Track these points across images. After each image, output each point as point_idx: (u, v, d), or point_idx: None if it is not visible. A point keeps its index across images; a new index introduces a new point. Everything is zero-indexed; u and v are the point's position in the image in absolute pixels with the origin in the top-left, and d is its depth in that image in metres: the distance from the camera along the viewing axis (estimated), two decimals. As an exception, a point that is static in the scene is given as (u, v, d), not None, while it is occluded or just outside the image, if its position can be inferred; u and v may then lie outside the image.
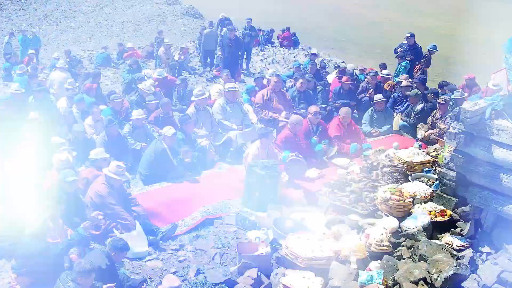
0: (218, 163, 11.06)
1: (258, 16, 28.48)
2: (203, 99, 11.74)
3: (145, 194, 9.42)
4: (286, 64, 26.40)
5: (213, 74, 20.87)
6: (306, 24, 36.29)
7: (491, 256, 6.39)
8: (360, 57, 29.37)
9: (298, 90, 13.57)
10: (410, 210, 7.71)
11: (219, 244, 8.51)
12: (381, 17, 51.97)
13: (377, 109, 13.69)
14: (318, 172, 10.29)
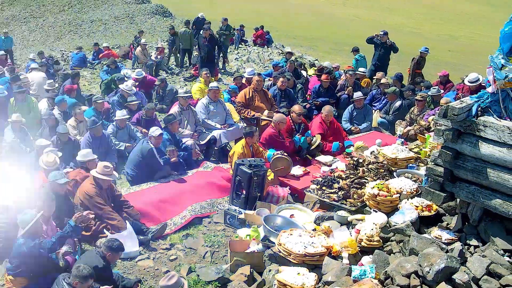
0: (204, 162, 11.13)
1: (225, 14, 28.59)
2: (188, 98, 11.78)
3: (132, 195, 9.45)
4: (261, 62, 26.54)
5: (190, 74, 20.90)
6: (275, 22, 36.37)
7: (478, 249, 6.58)
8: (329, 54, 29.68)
9: (279, 88, 13.72)
10: (397, 205, 7.88)
11: (209, 242, 8.60)
12: (349, 14, 52.34)
13: (356, 106, 13.89)
14: (302, 170, 10.43)
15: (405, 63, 22.11)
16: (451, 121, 6.46)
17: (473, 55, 34.36)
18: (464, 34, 44.94)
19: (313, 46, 33.14)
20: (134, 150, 10.33)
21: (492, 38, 42.32)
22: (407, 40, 35.63)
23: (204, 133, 11.78)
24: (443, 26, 46.64)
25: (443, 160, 6.64)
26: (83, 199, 8.41)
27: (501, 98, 6.39)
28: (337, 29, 42.43)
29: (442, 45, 36.67)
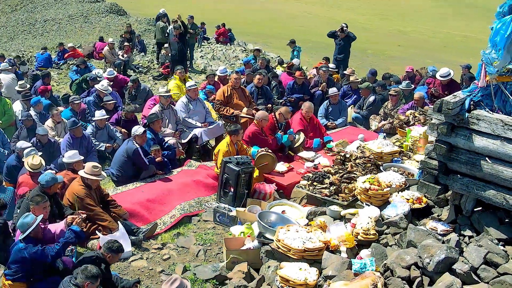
0: (188, 161, 11.11)
1: (178, 12, 28.67)
2: (168, 97, 11.75)
3: (119, 195, 9.39)
4: (227, 60, 26.53)
5: (159, 72, 20.79)
6: (227, 19, 36.38)
7: (473, 239, 6.76)
8: (284, 51, 29.82)
9: (256, 86, 13.79)
10: (388, 199, 8.02)
11: (200, 241, 8.62)
12: (301, 11, 52.68)
13: (332, 102, 14.05)
14: (286, 166, 10.52)
15: (358, 59, 22.55)
16: (444, 115, 6.61)
17: (421, 49, 35.12)
18: (412, 29, 45.70)
19: (267, 43, 33.27)
20: (119, 151, 10.25)
21: (438, 33, 43.29)
22: (358, 36, 36.26)
23: (185, 131, 11.76)
24: (392, 22, 47.39)
25: (437, 153, 6.78)
26: (72, 201, 8.33)
27: (493, 92, 6.57)
28: (289, 26, 42.71)
29: (392, 40, 37.31)
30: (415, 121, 11.48)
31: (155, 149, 10.31)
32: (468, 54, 34.65)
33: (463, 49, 37.18)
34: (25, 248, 6.54)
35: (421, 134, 9.87)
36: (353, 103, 15.31)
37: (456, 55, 33.81)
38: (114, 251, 6.83)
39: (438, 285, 5.87)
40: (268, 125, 11.15)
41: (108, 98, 13.02)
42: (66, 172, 9.23)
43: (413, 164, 9.39)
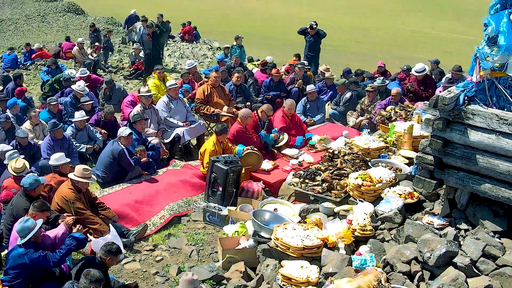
0: (173, 161, 11.03)
1: (141, 10, 28.54)
2: (149, 97, 11.62)
3: (107, 197, 9.25)
4: (195, 58, 26.39)
5: (129, 72, 20.57)
6: (195, 17, 36.23)
7: (469, 232, 6.87)
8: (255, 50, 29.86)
9: (235, 84, 13.76)
10: (380, 194, 8.10)
11: (192, 241, 8.57)
12: (270, 10, 52.83)
13: (309, 99, 14.10)
14: (272, 164, 10.53)
15: (328, 56, 22.75)
16: (439, 111, 6.68)
17: (379, 45, 35.58)
18: (370, 25, 46.25)
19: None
20: (104, 152, 10.09)
21: (396, 29, 43.90)
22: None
23: (167, 131, 11.65)
24: (351, 18, 47.85)
25: (433, 148, 6.85)
26: (62, 205, 8.17)
27: (487, 86, 6.67)
28: (259, 24, 42.78)
29: (350, 36, 37.77)
30: (396, 117, 11.58)
31: (140, 149, 10.20)
32: (419, 48, 35.30)
33: (420, 44, 37.81)
34: (26, 253, 6.39)
35: (405, 129, 9.95)
36: (329, 100, 15.40)
37: (413, 50, 34.34)
38: (113, 253, 6.72)
39: (442, 279, 5.92)
40: (251, 123, 11.12)
41: (86, 99, 12.83)
42: (53, 175, 9.05)
43: (399, 159, 9.48)
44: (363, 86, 15.88)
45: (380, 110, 12.88)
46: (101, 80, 16.39)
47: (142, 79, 19.35)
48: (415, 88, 14.32)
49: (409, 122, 10.51)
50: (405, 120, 11.19)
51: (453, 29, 45.92)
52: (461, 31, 45.41)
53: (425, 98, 14.05)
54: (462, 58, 26.82)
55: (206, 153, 10.02)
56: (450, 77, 14.25)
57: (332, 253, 6.96)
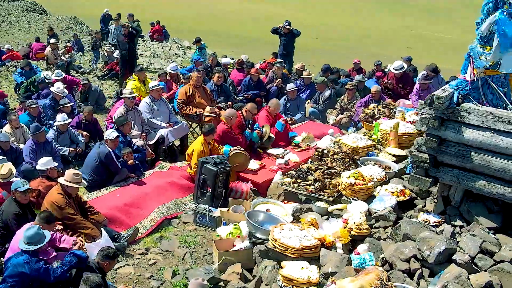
0: (159, 162, 10.93)
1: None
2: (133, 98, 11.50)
3: (95, 201, 9.10)
4: (167, 57, 26.25)
5: (104, 72, 20.34)
6: (159, 16, 35.92)
7: (464, 229, 6.95)
8: (219, 48, 29.81)
9: (216, 84, 13.72)
10: (372, 193, 8.16)
11: (184, 243, 8.50)
12: (228, 7, 52.74)
13: (290, 97, 14.12)
14: (258, 163, 10.52)
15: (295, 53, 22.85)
16: (434, 109, 6.74)
17: (341, 42, 35.90)
18: (332, 22, 46.61)
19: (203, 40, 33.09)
20: (90, 155, 9.95)
21: (357, 26, 44.30)
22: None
23: (151, 132, 11.54)
24: (313, 15, 48.10)
25: (428, 146, 6.91)
26: (52, 210, 8.01)
27: (481, 85, 6.77)
28: (218, 22, 42.70)
29: (312, 33, 38.03)
30: (380, 115, 11.67)
31: (127, 152, 10.08)
32: (383, 45, 35.69)
33: (385, 41, 38.19)
34: (28, 262, 6.25)
35: (391, 127, 10.05)
36: (307, 98, 15.45)
37: (378, 47, 34.67)
38: (111, 257, 6.64)
39: (445, 276, 5.98)
40: (236, 123, 11.09)
41: (65, 101, 12.63)
42: (40, 180, 8.90)
43: (386, 157, 9.57)
44: (341, 84, 15.98)
45: (361, 108, 12.99)
46: (77, 81, 16.15)
47: (116, 80, 19.16)
48: (393, 86, 14.47)
49: (394, 120, 10.60)
50: (389, 118, 11.28)
51: (417, 26, 46.49)
52: (425, 27, 46.04)
53: (403, 95, 14.23)
54: (425, 54, 27.19)
55: (194, 154, 9.96)
56: (425, 74, 14.40)
57: (330, 252, 6.99)
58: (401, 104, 12.11)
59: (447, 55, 27.27)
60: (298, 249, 6.93)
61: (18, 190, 7.72)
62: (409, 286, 6.05)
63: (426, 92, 13.69)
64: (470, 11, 53.35)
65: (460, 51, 28.17)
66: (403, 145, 10.14)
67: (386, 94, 14.22)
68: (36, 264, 6.27)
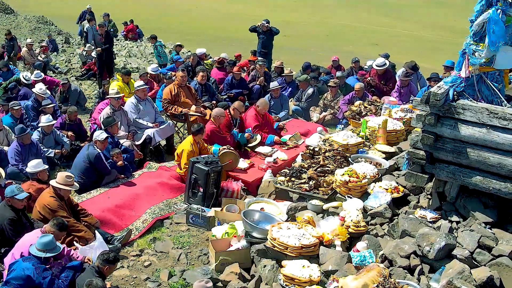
0: (147, 163, 10.83)
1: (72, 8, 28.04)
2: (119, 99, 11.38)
3: (86, 203, 8.98)
4: (143, 57, 26.02)
5: (81, 72, 20.10)
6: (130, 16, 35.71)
7: (460, 224, 7.03)
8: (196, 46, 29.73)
9: (200, 83, 13.67)
10: (365, 190, 8.20)
11: (178, 244, 8.44)
12: (192, 4, 52.57)
13: (273, 96, 14.12)
14: (247, 162, 10.51)
15: (247, 50, 22.91)
16: (431, 106, 6.80)
17: (306, 39, 36.07)
18: (297, 19, 46.77)
19: (167, 38, 32.90)
20: (79, 156, 9.81)
21: (321, 22, 44.54)
22: (247, 27, 36.89)
23: (138, 133, 11.44)
24: (279, 13, 48.11)
25: (424, 143, 6.97)
26: (45, 213, 7.91)
27: (476, 81, 6.84)
28: (181, 19, 42.53)
29: (284, 31, 38.08)
30: (366, 112, 11.73)
31: (116, 152, 9.97)
32: (349, 41, 35.94)
33: (350, 37, 38.45)
34: (36, 268, 6.14)
35: (379, 124, 10.10)
36: (290, 96, 15.46)
37: (343, 43, 34.90)
38: (112, 261, 6.57)
39: (448, 271, 6.05)
40: (224, 122, 11.05)
41: (47, 102, 12.44)
42: (31, 183, 8.75)
43: (376, 154, 9.62)
44: (322, 81, 16.02)
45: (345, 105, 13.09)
46: (56, 82, 15.93)
47: (94, 80, 18.97)
48: (376, 82, 14.55)
49: (382, 117, 10.66)
50: (376, 115, 11.35)
51: (380, 22, 46.86)
52: (388, 24, 46.43)
53: (386, 91, 14.32)
54: (389, 49, 27.47)
55: (184, 154, 9.89)
56: (406, 71, 14.54)
57: (330, 250, 7.01)
58: (386, 101, 12.18)
59: (413, 51, 27.55)
60: (298, 247, 6.93)
61: (16, 198, 7.57)
62: (412, 282, 6.08)
63: (407, 89, 13.92)
64: (433, 8, 54.15)
65: (424, 47, 28.48)
66: (392, 141, 10.22)
67: (369, 91, 14.29)
68: (44, 272, 6.16)
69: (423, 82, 15.35)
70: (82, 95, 15.63)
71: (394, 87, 14.30)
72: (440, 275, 6.19)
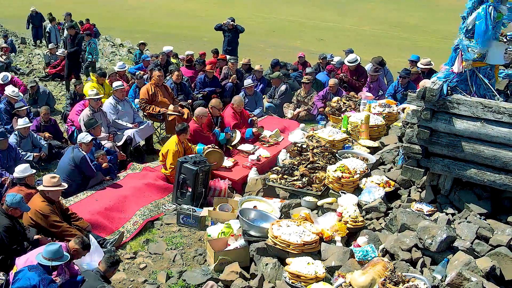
0: (131, 164, 10.72)
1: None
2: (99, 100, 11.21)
3: (74, 206, 8.82)
4: (105, 56, 25.72)
5: (45, 73, 19.69)
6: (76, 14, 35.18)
7: (456, 216, 7.18)
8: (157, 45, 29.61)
9: (175, 82, 13.59)
10: (357, 185, 8.30)
11: (171, 245, 8.39)
12: (143, 2, 52.16)
13: (247, 93, 14.14)
14: (232, 161, 10.51)
15: (194, 47, 22.96)
16: (427, 102, 6.92)
17: (252, 35, 36.26)
18: (243, 15, 46.94)
19: (130, 37, 32.65)
20: (64, 160, 9.63)
21: (267, 18, 44.81)
22: (194, 24, 36.93)
23: (118, 134, 11.29)
24: (224, 9, 48.19)
25: (420, 138, 7.09)
26: (36, 219, 7.76)
27: (469, 76, 7.00)
28: (128, 16, 42.14)
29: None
30: (346, 107, 11.85)
31: (101, 154, 9.82)
32: (295, 37, 36.27)
33: (296, 33, 38.76)
34: (43, 279, 5.99)
35: (362, 119, 10.23)
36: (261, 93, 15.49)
37: (289, 39, 35.17)
38: (115, 264, 6.52)
39: (454, 263, 6.17)
40: (206, 121, 11.02)
41: (20, 105, 12.16)
42: (19, 188, 8.52)
43: (360, 149, 9.74)
44: (293, 78, 16.10)
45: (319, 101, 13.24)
46: (20, 83, 15.55)
47: (59, 81, 18.64)
48: (348, 78, 14.73)
49: (363, 112, 10.79)
50: (356, 111, 11.48)
51: (326, 18, 47.35)
52: (333, 19, 46.97)
53: (358, 87, 14.52)
54: (335, 45, 27.74)
55: (169, 154, 9.84)
56: (374, 67, 14.78)
57: (332, 246, 7.08)
58: (363, 97, 12.34)
59: (357, 45, 27.83)
60: (300, 245, 6.97)
61: (20, 209, 7.40)
62: (419, 275, 6.18)
63: (376, 84, 14.16)
64: (376, 3, 54.98)
65: (368, 41, 28.74)
66: (374, 136, 10.37)
67: (341, 86, 14.45)
68: (49, 285, 6.02)
69: (390, 77, 15.65)
70: (51, 97, 15.33)
71: (365, 82, 14.51)
72: (443, 267, 6.30)
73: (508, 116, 6.48)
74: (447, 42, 35.26)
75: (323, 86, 15.01)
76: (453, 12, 49.38)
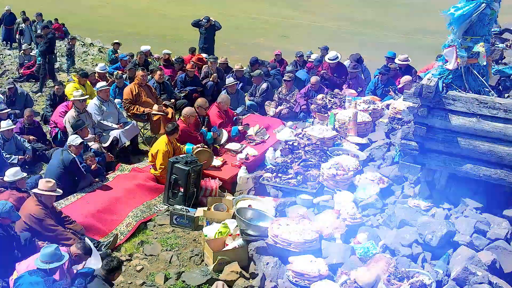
0: (119, 165, 10.61)
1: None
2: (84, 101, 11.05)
3: (65, 209, 8.67)
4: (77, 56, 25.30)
5: (19, 74, 19.36)
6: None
7: (452, 211, 7.28)
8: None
9: (157, 81, 13.50)
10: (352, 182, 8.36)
11: (167, 246, 8.34)
12: (101, 1, 51.53)
13: (229, 91, 14.08)
14: (221, 160, 10.49)
15: (158, 45, 22.87)
16: (423, 99, 7.00)
17: (222, 33, 36.34)
18: (205, 12, 46.92)
19: (96, 37, 32.29)
20: (52, 163, 9.46)
21: (230, 15, 44.76)
22: (156, 22, 36.76)
23: (104, 135, 11.16)
24: (185, 7, 47.96)
25: (416, 134, 7.17)
26: (30, 223, 7.62)
27: (463, 72, 7.10)
28: (88, 15, 41.65)
29: (186, 25, 38.06)
30: (332, 105, 11.91)
31: (89, 156, 9.70)
32: (258, 34, 36.36)
33: (252, 30, 38.82)
34: (46, 281, 5.89)
35: (350, 116, 10.29)
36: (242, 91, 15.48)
37: (253, 36, 35.22)
38: (117, 268, 6.44)
39: (456, 258, 6.26)
40: (193, 121, 10.98)
41: (2, 107, 11.93)
42: (10, 192, 8.35)
43: (350, 146, 9.81)
44: (273, 75, 16.12)
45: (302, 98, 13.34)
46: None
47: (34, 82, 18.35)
48: (329, 76, 14.80)
49: (350, 109, 10.85)
50: (341, 108, 11.55)
51: (288, 15, 47.49)
52: (295, 16, 47.16)
53: (339, 84, 14.60)
54: (298, 41, 27.89)
55: (159, 154, 9.76)
56: (353, 63, 14.91)
57: (332, 244, 7.12)
58: (347, 94, 12.42)
59: (320, 42, 27.97)
60: (301, 243, 6.99)
61: (9, 218, 7.23)
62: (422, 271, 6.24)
63: (355, 80, 14.28)
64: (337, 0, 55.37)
65: (330, 37, 28.70)
66: (361, 133, 10.44)
67: (322, 84, 14.50)
68: (54, 284, 5.94)
69: (367, 73, 15.81)
70: (29, 98, 15.04)
71: (346, 79, 14.61)
72: (444, 262, 6.39)
73: (503, 112, 6.58)
74: (408, 38, 35.79)
75: (303, 84, 15.05)
76: (406, 7, 49.40)
